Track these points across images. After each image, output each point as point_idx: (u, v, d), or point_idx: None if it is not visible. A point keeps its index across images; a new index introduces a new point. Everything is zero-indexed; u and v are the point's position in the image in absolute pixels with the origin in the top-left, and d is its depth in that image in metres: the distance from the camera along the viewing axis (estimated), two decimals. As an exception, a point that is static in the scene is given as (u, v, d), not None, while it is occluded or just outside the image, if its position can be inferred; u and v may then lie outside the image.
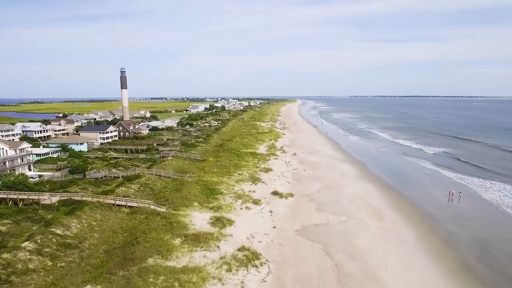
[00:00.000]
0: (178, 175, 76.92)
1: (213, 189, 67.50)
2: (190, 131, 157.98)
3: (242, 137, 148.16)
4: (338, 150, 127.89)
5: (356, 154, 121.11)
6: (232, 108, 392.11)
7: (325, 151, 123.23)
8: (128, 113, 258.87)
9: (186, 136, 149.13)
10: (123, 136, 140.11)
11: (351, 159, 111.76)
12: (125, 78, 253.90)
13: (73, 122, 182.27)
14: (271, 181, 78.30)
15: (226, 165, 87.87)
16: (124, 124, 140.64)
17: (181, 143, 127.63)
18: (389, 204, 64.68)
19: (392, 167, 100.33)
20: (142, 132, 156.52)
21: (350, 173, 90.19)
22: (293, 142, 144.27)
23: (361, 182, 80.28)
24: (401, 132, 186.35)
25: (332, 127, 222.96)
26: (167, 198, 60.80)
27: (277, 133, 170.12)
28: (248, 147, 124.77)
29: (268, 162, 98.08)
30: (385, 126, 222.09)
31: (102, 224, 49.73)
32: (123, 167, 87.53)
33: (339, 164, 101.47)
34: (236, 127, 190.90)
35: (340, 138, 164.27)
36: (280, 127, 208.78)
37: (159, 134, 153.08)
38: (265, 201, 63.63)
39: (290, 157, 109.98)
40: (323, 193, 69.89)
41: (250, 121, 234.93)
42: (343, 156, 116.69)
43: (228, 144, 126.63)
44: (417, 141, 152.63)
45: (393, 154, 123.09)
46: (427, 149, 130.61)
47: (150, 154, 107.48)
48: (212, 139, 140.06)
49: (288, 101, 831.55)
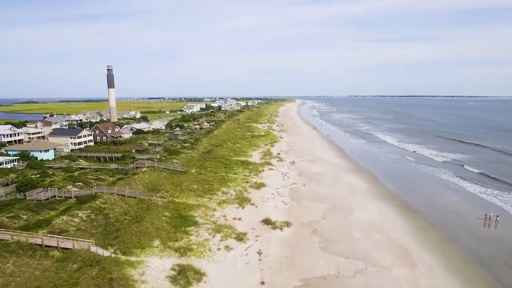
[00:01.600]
0: (146, 195, 61.25)
1: (186, 217, 51.76)
2: (178, 134, 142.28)
3: (235, 141, 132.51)
4: (342, 157, 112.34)
5: (363, 161, 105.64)
6: (228, 109, 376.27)
7: (328, 158, 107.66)
8: (115, 114, 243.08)
9: (172, 140, 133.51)
10: (100, 141, 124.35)
11: (358, 168, 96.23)
12: (112, 76, 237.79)
13: (50, 124, 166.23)
14: (263, 202, 62.60)
15: (209, 180, 72.15)
16: (101, 128, 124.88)
17: (163, 149, 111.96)
18: (416, 237, 49.09)
19: (407, 179, 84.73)
20: (124, 136, 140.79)
21: (359, 188, 74.61)
22: (292, 147, 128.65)
23: (375, 202, 64.71)
24: (407, 135, 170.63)
25: (333, 128, 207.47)
26: (119, 233, 45.03)
27: (274, 137, 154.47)
28: (240, 154, 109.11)
29: (262, 174, 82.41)
30: (388, 128, 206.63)
31: (9, 282, 34.03)
32: (83, 182, 71.88)
33: (345, 175, 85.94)
34: (229, 130, 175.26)
35: (343, 142, 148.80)
36: (278, 129, 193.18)
37: (143, 138, 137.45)
38: (253, 235, 48.00)
39: (287, 166, 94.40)
40: (329, 221, 54.26)
41: (246, 123, 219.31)
42: (349, 164, 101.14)
43: (218, 150, 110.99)
44: (426, 145, 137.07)
45: (404, 161, 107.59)
46: (440, 155, 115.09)
47: (124, 163, 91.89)
48: (200, 144, 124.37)
49: (287, 101, 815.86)
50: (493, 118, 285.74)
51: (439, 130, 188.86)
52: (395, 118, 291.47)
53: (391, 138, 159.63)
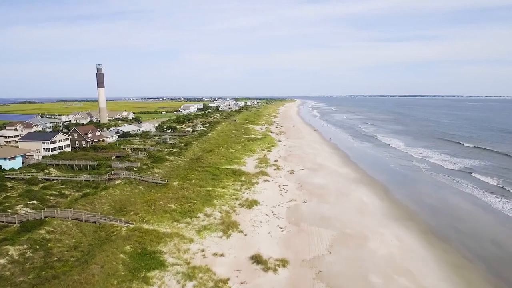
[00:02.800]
0: (109, 219, 49.23)
1: (151, 255, 39.63)
2: (166, 138, 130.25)
3: (229, 146, 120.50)
4: (347, 164, 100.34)
5: (371, 170, 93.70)
6: (226, 109, 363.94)
7: (331, 166, 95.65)
8: (105, 115, 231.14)
9: (160, 145, 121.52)
10: (79, 145, 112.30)
11: (366, 178, 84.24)
12: (101, 75, 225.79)
13: (31, 127, 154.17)
14: (254, 227, 50.56)
15: (191, 197, 60.10)
16: (80, 131, 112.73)
17: (147, 156, 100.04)
18: (455, 282, 37.07)
19: (424, 193, 72.61)
20: (108, 139, 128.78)
21: (371, 205, 62.63)
22: (291, 152, 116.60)
23: (393, 226, 52.71)
24: (411, 138, 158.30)
25: (335, 130, 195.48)
26: (53, 283, 32.91)
27: (272, 140, 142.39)
28: (233, 161, 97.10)
29: (255, 188, 70.33)
30: (391, 130, 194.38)
31: None
32: (39, 201, 59.90)
33: (352, 188, 73.94)
34: (224, 132, 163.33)
35: (346, 146, 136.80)
36: (277, 131, 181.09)
37: (128, 142, 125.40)
38: (237, 281, 35.98)
39: (286, 176, 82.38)
40: (337, 256, 42.21)
41: (243, 124, 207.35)
42: (355, 173, 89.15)
43: (208, 157, 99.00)
44: (433, 149, 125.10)
45: (414, 169, 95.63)
46: (451, 162, 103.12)
47: (97, 173, 79.92)
48: (190, 149, 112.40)
49: (287, 100, 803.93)
50: (495, 119, 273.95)
51: (443, 133, 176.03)
52: (397, 119, 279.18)
53: (396, 141, 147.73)
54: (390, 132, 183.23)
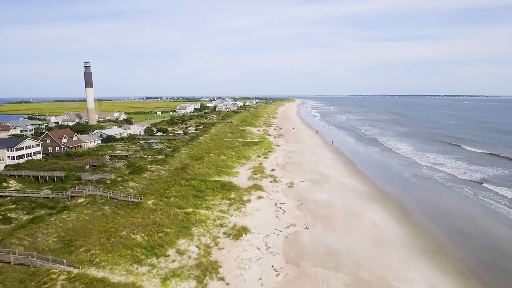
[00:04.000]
0: (47, 261, 37.08)
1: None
2: (152, 143, 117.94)
3: (221, 151, 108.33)
4: (354, 174, 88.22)
5: (381, 181, 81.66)
6: (223, 109, 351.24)
7: (336, 177, 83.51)
8: (94, 116, 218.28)
9: (145, 151, 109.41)
10: (52, 152, 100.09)
11: (377, 193, 72.12)
12: (90, 74, 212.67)
13: (8, 129, 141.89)
14: (240, 269, 38.32)
15: (164, 224, 47.91)
16: (53, 136, 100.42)
17: (126, 165, 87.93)
18: None
19: (449, 213, 60.39)
20: (89, 144, 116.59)
21: (388, 232, 50.48)
22: (290, 159, 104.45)
23: (421, 265, 40.58)
24: (419, 142, 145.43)
25: (337, 133, 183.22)
26: None
27: (270, 144, 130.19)
28: (223, 171, 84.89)
29: (246, 208, 58.14)
30: (396, 132, 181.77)
31: None
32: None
33: (363, 206, 61.83)
34: (219, 135, 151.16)
35: (351, 151, 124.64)
36: (275, 133, 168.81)
37: (109, 148, 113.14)
38: None
39: (283, 191, 70.20)
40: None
41: (239, 126, 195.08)
42: (364, 186, 77.03)
43: (195, 166, 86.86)
44: (444, 155, 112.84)
45: (431, 179, 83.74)
46: (473, 170, 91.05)
47: (61, 187, 67.71)
48: (176, 156, 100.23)
49: (286, 100, 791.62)
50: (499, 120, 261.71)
51: (450, 136, 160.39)
52: (400, 120, 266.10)
53: (402, 146, 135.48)
54: (395, 135, 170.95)
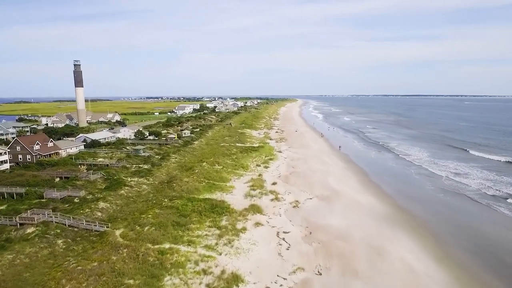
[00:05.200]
0: None
1: None
2: (139, 149, 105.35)
3: (216, 159, 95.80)
4: (369, 188, 75.39)
5: (403, 197, 69.09)
6: (223, 110, 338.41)
7: (349, 193, 70.75)
8: (84, 118, 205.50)
9: (131, 158, 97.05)
10: (23, 160, 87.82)
11: (402, 215, 59.35)
12: (80, 73, 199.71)
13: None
14: None
15: (126, 272, 35.39)
16: (24, 143, 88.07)
17: (104, 177, 75.45)
18: None
19: (504, 248, 47.71)
20: (70, 151, 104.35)
21: (429, 281, 37.74)
22: (294, 168, 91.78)
23: None
24: (435, 147, 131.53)
25: (343, 136, 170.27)
26: None
27: (271, 150, 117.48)
28: (216, 185, 72.24)
29: (240, 241, 45.43)
30: (406, 135, 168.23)
31: None
32: None
33: (388, 235, 49.14)
34: (215, 139, 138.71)
35: (360, 157, 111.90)
36: (277, 137, 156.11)
37: (91, 155, 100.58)
38: None
39: (287, 212, 57.55)
40: None
41: (238, 128, 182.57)
42: (384, 204, 64.25)
43: (184, 178, 74.30)
44: (473, 164, 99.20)
45: (462, 195, 70.78)
46: (509, 182, 78.35)
47: (13, 209, 55.25)
48: (164, 165, 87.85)
49: (288, 100, 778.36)
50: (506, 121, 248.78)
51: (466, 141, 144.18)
52: (406, 122, 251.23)
53: (416, 152, 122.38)
54: (405, 139, 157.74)
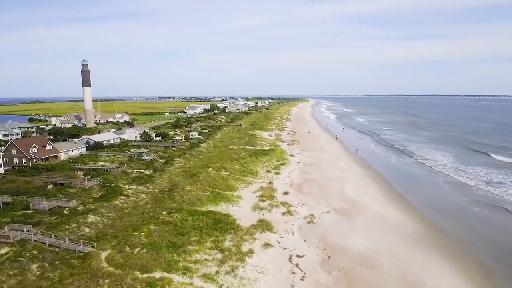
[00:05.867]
0: None
1: None
2: (143, 153, 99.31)
3: (223, 164, 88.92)
4: (393, 200, 67.19)
5: (434, 212, 60.74)
6: (234, 110, 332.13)
7: (371, 205, 62.76)
8: (92, 118, 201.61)
9: (133, 162, 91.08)
10: (19, 164, 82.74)
11: (437, 235, 51.17)
12: (87, 72, 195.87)
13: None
14: None
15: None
16: (20, 146, 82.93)
17: (101, 185, 69.41)
18: None
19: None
20: (71, 153, 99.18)
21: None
22: (308, 175, 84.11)
23: None
24: (461, 152, 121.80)
25: (359, 138, 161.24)
26: None
27: (282, 153, 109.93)
28: (222, 195, 65.23)
29: (245, 267, 38.08)
30: (427, 138, 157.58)
31: None
32: None
33: (422, 264, 41.12)
34: (224, 141, 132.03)
35: (380, 163, 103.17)
36: (289, 139, 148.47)
37: (92, 159, 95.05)
38: None
39: (301, 230, 50.04)
40: None
41: (248, 130, 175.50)
42: (414, 221, 56.05)
43: (187, 186, 67.61)
44: (506, 172, 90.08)
45: (504, 210, 61.94)
46: None
47: None
48: (167, 171, 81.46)
49: (300, 100, 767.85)
50: None
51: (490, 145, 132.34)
52: (424, 123, 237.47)
53: (440, 157, 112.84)
54: (424, 142, 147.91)
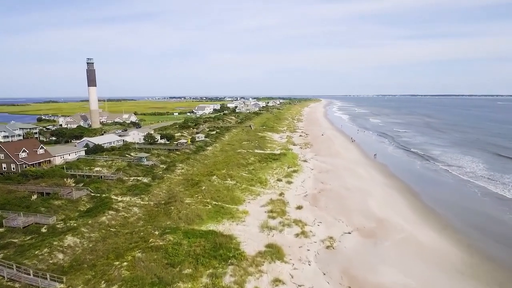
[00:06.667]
0: None
1: None
2: (142, 158, 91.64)
3: (229, 170, 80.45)
4: (426, 218, 57.49)
5: (480, 235, 51.40)
6: (244, 110, 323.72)
7: (400, 223, 53.30)
8: (97, 119, 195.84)
9: (131, 168, 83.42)
10: (7, 170, 75.94)
11: (486, 268, 41.70)
12: (93, 72, 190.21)
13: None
14: None
15: None
16: (9, 150, 75.99)
17: (90, 195, 61.76)
18: None
19: None
20: (68, 157, 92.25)
21: None
22: (323, 184, 74.84)
23: None
24: (491, 158, 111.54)
25: (377, 141, 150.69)
26: None
27: (294, 159, 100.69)
28: (225, 210, 56.61)
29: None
30: (450, 142, 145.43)
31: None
32: None
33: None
34: (232, 144, 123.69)
35: (403, 170, 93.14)
36: (301, 142, 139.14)
37: (88, 163, 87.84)
38: None
39: (318, 258, 41.04)
40: None
41: (258, 131, 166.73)
42: (456, 247, 46.54)
43: (187, 197, 59.34)
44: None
45: None
46: None
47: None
48: (167, 179, 73.40)
49: (312, 100, 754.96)
50: None
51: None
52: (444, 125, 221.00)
53: (469, 163, 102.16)
54: (448, 145, 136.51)
